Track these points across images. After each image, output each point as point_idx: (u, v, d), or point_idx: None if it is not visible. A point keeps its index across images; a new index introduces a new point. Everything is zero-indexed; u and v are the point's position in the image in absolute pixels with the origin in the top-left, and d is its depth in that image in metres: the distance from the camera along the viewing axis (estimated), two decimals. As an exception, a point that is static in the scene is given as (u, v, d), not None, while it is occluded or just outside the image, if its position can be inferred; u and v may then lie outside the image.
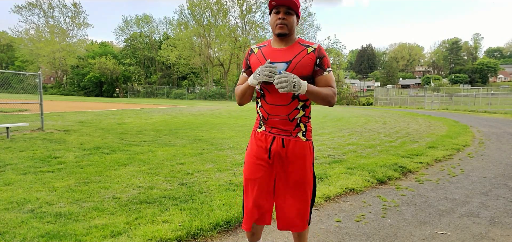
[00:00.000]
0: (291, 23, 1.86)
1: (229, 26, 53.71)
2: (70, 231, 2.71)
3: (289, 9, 1.85)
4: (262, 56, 1.95)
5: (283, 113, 1.90)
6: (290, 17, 1.86)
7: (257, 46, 2.02)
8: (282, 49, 1.91)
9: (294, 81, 1.72)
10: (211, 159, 5.73)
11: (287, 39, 1.91)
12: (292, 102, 1.89)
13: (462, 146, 7.89)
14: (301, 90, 1.75)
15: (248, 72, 2.03)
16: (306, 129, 1.98)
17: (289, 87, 1.71)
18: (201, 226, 2.86)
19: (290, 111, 1.90)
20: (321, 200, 3.78)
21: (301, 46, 1.90)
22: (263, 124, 2.01)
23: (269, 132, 1.97)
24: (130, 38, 65.37)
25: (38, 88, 9.37)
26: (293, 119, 1.92)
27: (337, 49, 50.93)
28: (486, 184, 4.76)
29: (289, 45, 1.91)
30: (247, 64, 2.03)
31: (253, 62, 1.98)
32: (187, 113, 18.16)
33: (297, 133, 1.95)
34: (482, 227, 3.18)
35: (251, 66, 1.99)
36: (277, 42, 1.94)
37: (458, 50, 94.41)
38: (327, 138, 8.81)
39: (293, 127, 1.94)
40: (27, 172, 4.55)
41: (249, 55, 2.03)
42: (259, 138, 2.01)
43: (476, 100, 34.14)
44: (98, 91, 60.78)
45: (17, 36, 64.91)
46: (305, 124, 1.97)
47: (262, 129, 2.01)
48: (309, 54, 1.87)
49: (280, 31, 1.86)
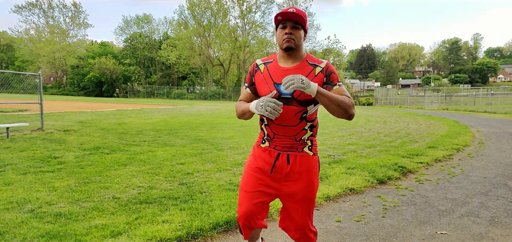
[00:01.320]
0: (298, 37, 1.80)
1: (229, 26, 53.71)
2: (70, 231, 2.71)
3: (296, 24, 1.79)
4: (269, 76, 1.85)
5: (290, 133, 1.85)
6: (297, 32, 1.79)
7: (263, 63, 1.93)
8: (290, 69, 1.82)
9: (302, 78, 1.63)
10: (211, 159, 5.74)
11: (295, 55, 1.84)
12: (300, 123, 1.83)
13: (462, 146, 7.90)
14: (311, 89, 1.64)
15: (252, 89, 1.94)
16: (312, 144, 1.93)
17: (297, 83, 1.61)
18: (201, 226, 2.86)
19: (298, 132, 1.85)
20: (321, 200, 3.78)
21: (309, 67, 1.83)
22: (267, 140, 1.94)
23: (274, 148, 1.91)
24: (130, 38, 65.37)
25: (38, 88, 9.37)
26: (299, 139, 1.88)
27: (337, 49, 50.91)
28: (486, 184, 4.76)
29: (297, 64, 1.83)
30: (251, 81, 1.94)
31: (259, 82, 1.89)
32: (187, 113, 18.16)
33: (303, 148, 1.90)
34: (482, 227, 3.18)
35: (256, 85, 1.91)
36: (284, 59, 1.86)
37: (458, 50, 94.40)
38: (327, 138, 8.81)
39: (299, 144, 1.89)
40: (27, 172, 4.55)
41: (255, 72, 1.93)
42: (262, 152, 1.95)
43: (476, 100, 34.14)
44: (98, 91, 60.78)
45: (17, 36, 64.94)
46: (311, 141, 1.93)
47: (266, 144, 1.95)
48: (318, 75, 1.81)
49: (287, 45, 1.78)
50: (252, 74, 1.94)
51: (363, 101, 44.83)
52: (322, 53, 48.54)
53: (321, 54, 48.32)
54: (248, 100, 1.95)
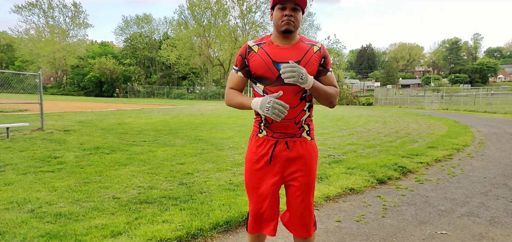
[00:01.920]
0: (297, 19, 1.76)
1: (229, 26, 53.72)
2: (70, 231, 2.71)
3: (296, 5, 1.74)
4: (267, 56, 1.78)
5: (290, 116, 1.80)
6: (297, 13, 1.75)
7: (256, 44, 1.84)
8: (287, 47, 1.79)
9: (302, 73, 1.63)
10: (211, 159, 5.73)
11: (291, 36, 1.81)
12: (299, 104, 1.80)
13: (462, 146, 7.89)
14: (308, 83, 1.67)
15: (244, 72, 1.86)
16: (309, 128, 1.92)
17: (297, 78, 1.61)
18: (201, 226, 2.86)
19: (297, 113, 1.81)
20: (321, 200, 3.78)
21: (307, 45, 1.82)
22: (264, 128, 1.88)
23: (271, 136, 1.86)
24: (130, 38, 65.40)
25: (38, 88, 9.37)
26: (298, 121, 1.84)
27: (337, 49, 50.92)
28: (486, 184, 4.76)
29: (293, 43, 1.81)
30: (243, 63, 1.85)
31: (256, 63, 1.80)
32: (187, 113, 18.16)
33: (301, 133, 1.87)
34: (482, 227, 3.18)
35: (251, 66, 1.82)
36: (279, 39, 1.81)
37: (458, 50, 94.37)
38: (327, 138, 8.81)
39: (297, 128, 1.85)
40: (27, 172, 4.55)
41: (248, 54, 1.83)
42: (260, 144, 1.89)
43: (476, 100, 34.14)
44: (98, 91, 60.77)
45: (17, 36, 64.91)
46: (308, 124, 1.91)
47: (264, 134, 1.89)
48: (316, 53, 1.81)
49: (286, 27, 1.74)
50: (244, 56, 1.84)
51: (363, 101, 44.82)
52: (322, 53, 48.50)
53: (321, 54, 48.29)
54: (241, 86, 1.89)
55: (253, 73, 1.84)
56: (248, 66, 1.85)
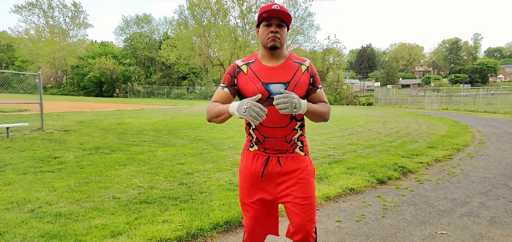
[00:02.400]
0: (283, 36, 1.74)
1: (229, 26, 53.69)
2: (70, 231, 2.71)
3: (281, 22, 1.73)
4: (254, 76, 1.75)
5: (280, 135, 1.78)
6: (282, 30, 1.74)
7: (244, 63, 1.81)
8: (276, 67, 1.76)
9: (294, 102, 1.59)
10: (211, 159, 5.73)
11: (278, 53, 1.78)
12: (290, 124, 1.78)
13: (462, 146, 7.89)
14: (302, 110, 1.65)
15: (231, 90, 1.81)
16: (303, 144, 1.89)
17: (290, 108, 1.58)
18: (201, 226, 2.86)
19: (288, 133, 1.79)
20: (321, 200, 3.78)
21: (295, 64, 1.79)
22: (255, 144, 1.87)
23: (264, 151, 1.84)
24: (130, 38, 65.38)
25: (38, 88, 9.37)
26: (290, 140, 1.82)
27: (337, 49, 50.88)
28: (486, 184, 4.76)
29: (281, 62, 1.78)
30: (232, 82, 1.81)
31: (244, 84, 1.78)
32: (187, 113, 18.16)
33: (294, 149, 1.86)
34: (482, 227, 3.18)
35: (240, 87, 1.80)
36: (267, 58, 1.78)
37: (458, 50, 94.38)
38: (327, 138, 8.81)
39: (289, 145, 1.84)
40: (27, 172, 4.55)
41: (237, 74, 1.80)
42: (251, 158, 1.87)
43: (476, 100, 34.14)
44: (98, 91, 60.78)
45: (17, 36, 64.93)
46: (301, 141, 1.89)
47: (255, 148, 1.87)
48: (304, 73, 1.79)
49: (272, 43, 1.71)
50: (234, 75, 1.82)
51: (363, 101, 44.82)
52: (322, 53, 48.52)
53: (321, 54, 48.29)
54: (225, 102, 1.81)
55: (242, 94, 1.82)
56: (237, 85, 1.82)
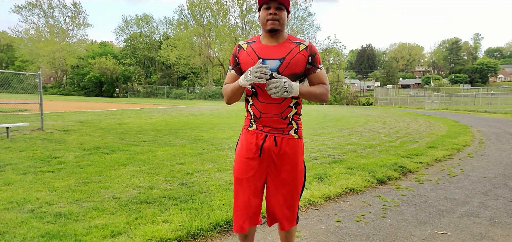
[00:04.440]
0: (282, 18, 1.83)
1: (229, 26, 53.73)
2: (70, 231, 2.71)
3: (280, 4, 1.82)
4: (253, 53, 1.88)
5: (276, 111, 1.89)
6: (281, 12, 1.82)
7: (246, 43, 1.96)
8: (274, 45, 1.87)
9: (285, 86, 1.72)
10: (211, 159, 5.73)
11: (278, 35, 1.88)
12: (285, 100, 1.88)
13: (462, 146, 7.89)
14: (294, 92, 1.76)
15: (236, 70, 1.97)
16: (298, 126, 1.99)
17: (281, 92, 1.72)
18: (201, 226, 2.86)
19: (283, 109, 1.89)
20: (321, 200, 3.78)
21: (293, 43, 1.88)
22: (254, 122, 1.98)
23: (261, 130, 1.95)
24: (130, 38, 65.39)
25: (38, 88, 9.37)
26: (286, 117, 1.92)
27: (337, 49, 50.88)
28: (486, 184, 4.76)
29: (280, 42, 1.88)
30: (235, 61, 1.96)
31: (243, 60, 1.91)
32: (187, 113, 18.16)
33: (289, 130, 1.95)
34: (482, 227, 3.18)
35: (241, 63, 1.93)
36: (267, 38, 1.90)
37: (458, 50, 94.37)
38: (327, 138, 8.81)
39: (285, 124, 1.93)
40: (27, 172, 4.55)
41: (238, 52, 1.95)
42: (250, 136, 1.98)
43: (476, 100, 34.15)
44: (98, 91, 60.79)
45: (17, 36, 64.92)
46: (296, 122, 1.98)
47: (254, 127, 1.98)
48: (301, 51, 1.86)
49: (272, 27, 1.81)
50: (236, 54, 1.96)
51: (363, 101, 44.82)
52: (322, 53, 48.54)
53: (321, 54, 48.32)
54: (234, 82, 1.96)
55: (243, 70, 1.93)
56: (239, 64, 1.95)
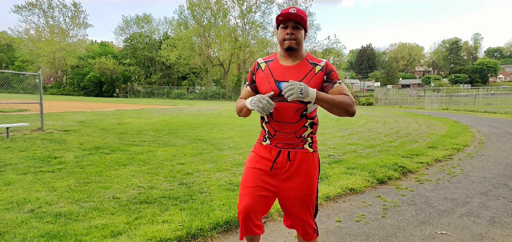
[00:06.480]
0: (299, 37, 1.83)
1: (229, 26, 53.70)
2: (70, 231, 2.71)
3: (297, 24, 1.82)
4: (270, 74, 1.88)
5: (291, 130, 1.88)
6: (298, 32, 1.83)
7: (264, 61, 1.96)
8: (290, 66, 1.86)
9: (301, 88, 1.66)
10: (211, 159, 5.73)
11: (295, 54, 1.88)
12: (300, 121, 1.87)
13: (462, 146, 7.89)
14: (310, 97, 1.69)
15: (252, 87, 1.97)
16: (312, 141, 1.97)
17: (296, 93, 1.65)
18: (201, 226, 2.86)
19: (298, 129, 1.88)
20: (321, 200, 3.78)
21: (309, 65, 1.87)
22: (268, 138, 1.98)
23: (275, 146, 1.94)
24: (130, 38, 65.38)
25: (38, 88, 9.37)
26: (300, 136, 1.91)
27: (337, 49, 50.88)
28: (486, 184, 4.76)
29: (297, 62, 1.87)
30: (252, 79, 1.97)
31: (260, 80, 1.92)
32: (187, 113, 18.16)
33: (304, 144, 1.94)
34: (482, 227, 3.18)
35: (257, 82, 1.94)
36: (284, 57, 1.90)
37: (458, 50, 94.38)
38: (327, 138, 8.81)
39: (299, 141, 1.92)
40: (27, 172, 4.55)
41: (256, 71, 1.96)
42: (263, 149, 1.97)
43: (476, 100, 34.15)
44: (98, 91, 60.77)
45: (17, 36, 64.92)
46: (311, 138, 1.97)
47: (267, 142, 1.98)
48: (318, 73, 1.85)
49: (289, 44, 1.82)
50: (253, 72, 1.97)
51: (363, 101, 44.82)
52: (322, 53, 48.53)
53: (321, 54, 48.30)
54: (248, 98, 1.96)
55: (258, 89, 1.95)
56: (255, 82, 1.96)
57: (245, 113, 1.92)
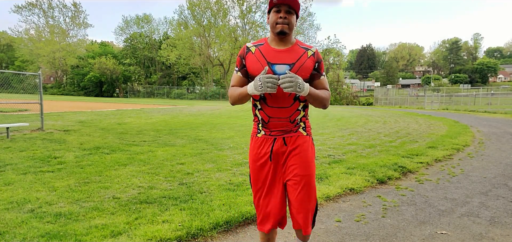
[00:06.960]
0: (292, 22, 1.85)
1: (229, 26, 53.69)
2: (70, 231, 2.71)
3: (290, 8, 1.84)
4: (262, 57, 1.87)
5: (285, 115, 1.90)
6: (291, 16, 1.85)
7: (254, 45, 1.94)
8: (283, 50, 1.88)
9: (299, 82, 1.72)
10: (211, 159, 5.73)
11: (286, 39, 1.89)
12: (293, 104, 1.89)
13: (462, 146, 7.89)
14: (304, 91, 1.77)
15: (243, 72, 1.95)
16: (306, 125, 2.01)
17: (294, 88, 1.71)
18: (201, 226, 2.86)
19: (292, 113, 1.91)
20: (321, 200, 3.78)
21: (301, 49, 1.91)
22: (262, 128, 1.98)
23: (269, 135, 1.96)
24: (130, 38, 65.38)
25: (38, 88, 9.37)
26: (294, 120, 1.94)
27: (337, 49, 50.88)
28: (486, 184, 4.76)
29: (289, 46, 1.89)
30: (242, 63, 1.94)
31: (251, 63, 1.90)
32: (187, 113, 18.16)
33: (298, 129, 1.97)
34: (482, 227, 3.18)
35: (248, 66, 1.91)
36: (276, 42, 1.90)
37: (458, 50, 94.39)
38: (327, 138, 8.81)
39: (293, 126, 1.95)
40: (27, 172, 4.55)
41: (246, 54, 1.93)
42: (259, 144, 1.99)
43: (476, 100, 34.15)
44: (98, 91, 60.77)
45: (17, 36, 64.92)
46: (304, 122, 2.00)
47: (262, 134, 1.98)
48: (310, 58, 1.89)
49: (281, 29, 1.83)
50: (243, 56, 1.95)
51: (363, 101, 44.81)
52: (322, 53, 48.54)
53: (321, 54, 48.28)
54: (241, 85, 1.96)
55: (250, 74, 1.93)
56: (245, 66, 1.94)
57: (245, 100, 1.93)
